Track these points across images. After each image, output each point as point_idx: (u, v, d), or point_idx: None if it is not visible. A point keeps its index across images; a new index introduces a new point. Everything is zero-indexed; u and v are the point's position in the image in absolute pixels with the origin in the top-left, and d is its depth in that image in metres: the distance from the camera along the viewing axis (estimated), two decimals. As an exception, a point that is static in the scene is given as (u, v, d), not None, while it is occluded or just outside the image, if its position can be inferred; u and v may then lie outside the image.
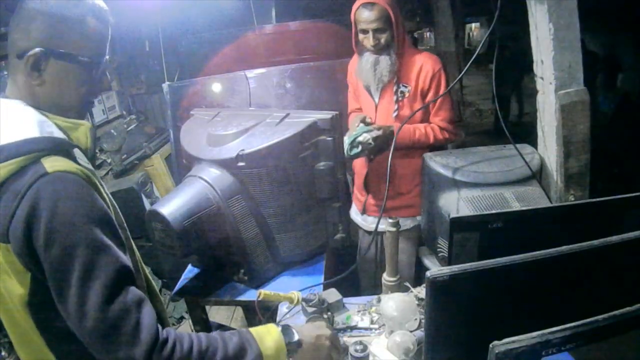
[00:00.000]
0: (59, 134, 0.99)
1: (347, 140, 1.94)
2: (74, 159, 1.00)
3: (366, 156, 2.06)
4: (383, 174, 2.09)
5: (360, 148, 1.96)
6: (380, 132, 1.96)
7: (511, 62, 6.14)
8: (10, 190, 0.90)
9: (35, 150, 0.92)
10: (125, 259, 0.96)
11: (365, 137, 1.93)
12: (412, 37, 9.39)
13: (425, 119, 2.08)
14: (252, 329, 1.08)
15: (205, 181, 1.61)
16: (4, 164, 0.90)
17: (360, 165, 2.24)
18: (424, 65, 1.99)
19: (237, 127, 1.69)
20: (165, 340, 0.93)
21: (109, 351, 0.90)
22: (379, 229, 1.82)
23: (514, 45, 5.93)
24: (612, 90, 6.17)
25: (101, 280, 0.89)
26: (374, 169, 2.14)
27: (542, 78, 1.65)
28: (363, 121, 2.00)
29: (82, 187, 0.93)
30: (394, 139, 1.85)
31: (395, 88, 2.03)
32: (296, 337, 1.11)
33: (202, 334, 1.01)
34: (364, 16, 1.93)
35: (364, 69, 2.02)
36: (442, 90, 1.99)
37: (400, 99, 2.03)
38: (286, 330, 1.12)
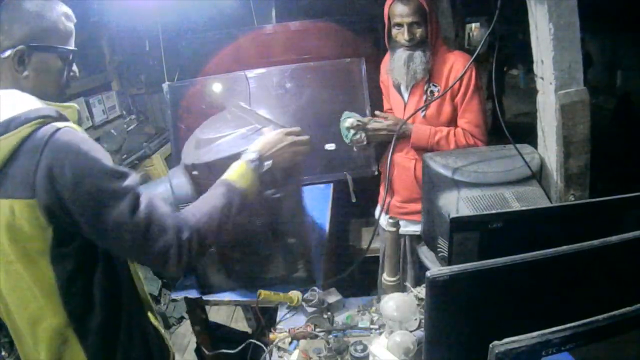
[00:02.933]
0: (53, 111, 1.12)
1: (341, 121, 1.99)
2: None
3: (365, 142, 2.04)
4: (409, 176, 2.10)
5: (351, 132, 1.96)
6: (390, 121, 1.94)
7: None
8: (28, 149, 1.02)
9: (44, 116, 1.06)
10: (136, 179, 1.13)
11: (349, 122, 1.94)
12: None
13: (454, 121, 2.01)
14: (226, 176, 1.29)
15: (170, 183, 1.61)
16: (18, 129, 1.03)
17: (388, 166, 2.24)
18: (454, 65, 1.93)
19: (219, 131, 1.61)
20: (184, 227, 1.13)
21: (149, 247, 1.09)
22: (401, 232, 1.81)
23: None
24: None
25: (128, 199, 1.06)
26: (400, 171, 2.13)
27: (542, 78, 1.65)
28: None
29: (84, 134, 1.10)
30: (394, 135, 1.84)
31: (425, 87, 1.99)
32: (254, 156, 1.33)
33: (191, 207, 1.21)
34: (399, 9, 1.88)
35: (396, 66, 1.96)
36: (470, 90, 1.94)
37: (430, 98, 1.98)
38: (250, 155, 1.32)
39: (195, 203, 1.23)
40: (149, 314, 1.35)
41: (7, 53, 1.11)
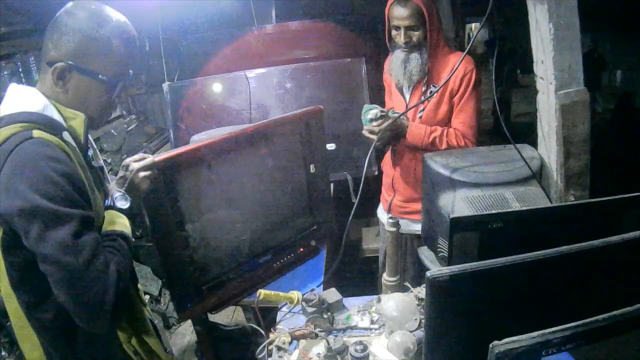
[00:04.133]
0: (58, 117, 1.13)
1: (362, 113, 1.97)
2: (61, 137, 1.12)
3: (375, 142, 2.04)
4: (410, 175, 2.10)
5: (369, 122, 1.95)
6: (391, 120, 1.94)
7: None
8: (2, 150, 1.05)
9: (30, 121, 1.07)
10: (89, 214, 1.09)
11: (374, 112, 1.92)
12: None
13: (450, 122, 2.02)
14: (106, 226, 1.20)
15: None
16: (3, 128, 1.06)
17: (388, 166, 2.24)
18: (455, 66, 1.93)
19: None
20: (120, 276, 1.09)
21: (86, 285, 1.04)
22: (403, 231, 1.81)
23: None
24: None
25: (72, 226, 1.02)
26: (402, 170, 2.14)
27: (542, 78, 1.65)
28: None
29: (58, 151, 1.07)
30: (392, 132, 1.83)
31: (424, 88, 2.00)
32: (122, 200, 1.24)
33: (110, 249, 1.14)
34: (397, 12, 1.89)
35: (394, 66, 1.98)
36: (468, 91, 1.94)
37: (427, 98, 1.98)
38: (119, 201, 1.24)
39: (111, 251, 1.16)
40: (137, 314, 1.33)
41: (51, 65, 1.12)
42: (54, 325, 1.16)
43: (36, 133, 1.06)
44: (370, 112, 1.95)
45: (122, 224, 1.22)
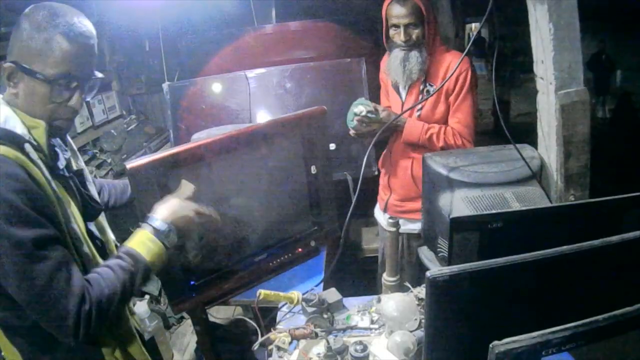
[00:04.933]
0: (21, 128, 1.09)
1: (349, 112, 1.96)
2: (23, 150, 1.08)
3: (361, 136, 2.04)
4: (407, 174, 2.10)
5: (354, 121, 1.95)
6: (383, 114, 1.94)
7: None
8: None
9: None
10: (47, 232, 1.04)
11: (360, 109, 1.91)
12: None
13: (447, 120, 2.03)
14: (132, 245, 1.17)
15: None
16: None
17: (384, 165, 2.24)
18: (451, 65, 1.94)
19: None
20: (87, 298, 1.05)
21: (44, 309, 1.03)
22: (402, 230, 1.82)
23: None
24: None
25: (28, 249, 1.00)
26: (398, 169, 2.14)
27: (542, 78, 1.65)
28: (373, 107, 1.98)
29: (15, 168, 1.03)
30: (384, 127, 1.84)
31: (422, 87, 2.00)
32: (165, 227, 1.20)
33: (97, 275, 1.11)
34: (396, 11, 1.90)
35: (392, 65, 1.98)
36: (464, 91, 1.95)
37: (425, 97, 1.99)
38: (155, 223, 1.20)
39: (101, 271, 1.12)
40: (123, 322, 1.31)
41: (3, 66, 1.10)
42: (32, 333, 1.13)
43: None
44: (359, 107, 1.94)
45: (139, 242, 1.18)
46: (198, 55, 3.10)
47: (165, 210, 1.23)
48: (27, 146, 1.09)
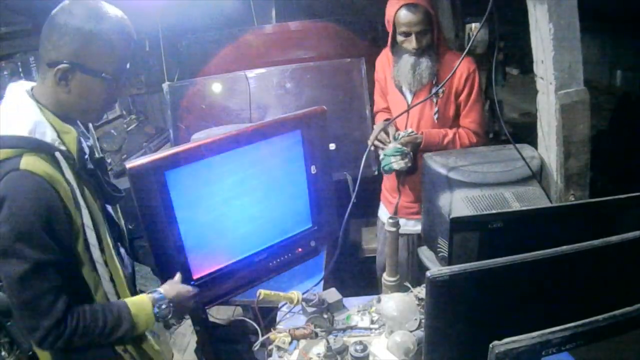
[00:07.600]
0: (51, 134, 1.10)
1: (382, 157, 1.95)
2: (53, 157, 1.11)
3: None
4: (418, 176, 2.10)
5: (392, 168, 1.94)
6: (412, 143, 1.96)
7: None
8: None
9: (20, 146, 1.06)
10: (51, 258, 1.08)
11: (400, 165, 1.91)
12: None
13: (458, 119, 2.06)
14: (130, 304, 1.23)
15: None
16: None
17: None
18: (460, 67, 1.92)
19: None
20: (63, 324, 1.11)
21: (21, 317, 1.11)
22: (410, 231, 1.81)
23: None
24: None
25: (21, 265, 1.05)
26: (409, 172, 2.14)
27: (542, 78, 1.65)
28: (392, 134, 1.97)
29: (42, 186, 1.07)
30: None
31: (432, 90, 2.00)
32: (162, 302, 1.28)
33: (89, 310, 1.16)
34: (407, 19, 1.87)
35: (402, 71, 1.97)
36: (475, 92, 1.98)
37: (436, 100, 2.01)
38: (157, 300, 1.28)
39: (96, 307, 1.18)
40: None
41: (53, 67, 1.10)
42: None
43: (24, 161, 1.06)
44: (397, 162, 1.92)
45: (137, 304, 1.25)
46: (198, 55, 3.09)
47: (173, 291, 1.34)
48: (57, 154, 1.11)
